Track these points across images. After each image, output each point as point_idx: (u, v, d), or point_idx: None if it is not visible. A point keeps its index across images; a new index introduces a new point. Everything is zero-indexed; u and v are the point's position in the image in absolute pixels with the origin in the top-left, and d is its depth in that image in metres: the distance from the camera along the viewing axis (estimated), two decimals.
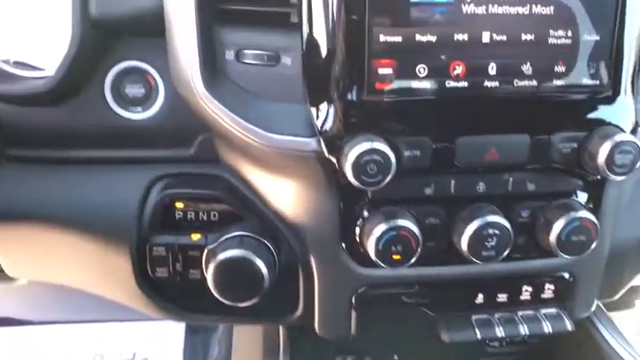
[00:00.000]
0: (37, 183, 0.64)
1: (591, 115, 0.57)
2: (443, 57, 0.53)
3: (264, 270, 0.58)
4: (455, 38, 0.53)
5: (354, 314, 0.63)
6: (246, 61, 0.56)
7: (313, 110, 0.55)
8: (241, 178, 0.64)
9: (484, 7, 0.52)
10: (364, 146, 0.51)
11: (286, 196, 0.61)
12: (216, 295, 0.59)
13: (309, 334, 0.68)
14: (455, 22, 0.52)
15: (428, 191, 0.57)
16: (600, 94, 0.56)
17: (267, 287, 0.59)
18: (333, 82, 0.53)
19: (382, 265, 0.56)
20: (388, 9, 0.51)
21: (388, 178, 0.52)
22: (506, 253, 0.58)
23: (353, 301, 0.62)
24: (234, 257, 0.58)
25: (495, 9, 0.53)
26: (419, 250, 0.56)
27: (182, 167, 0.65)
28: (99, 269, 0.65)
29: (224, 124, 0.56)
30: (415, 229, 0.55)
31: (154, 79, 0.63)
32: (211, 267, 0.58)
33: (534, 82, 0.55)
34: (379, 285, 0.62)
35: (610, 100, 0.57)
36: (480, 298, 0.64)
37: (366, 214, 0.58)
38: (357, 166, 0.51)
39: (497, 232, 0.57)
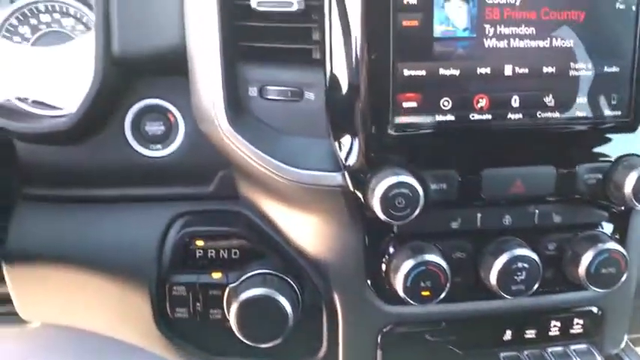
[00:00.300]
0: (53, 222, 0.63)
1: (615, 146, 0.57)
2: (466, 90, 0.53)
3: (288, 308, 0.57)
4: (478, 72, 0.53)
5: (379, 353, 0.61)
6: (270, 97, 0.56)
7: (337, 145, 0.54)
8: (261, 214, 0.63)
9: (506, 41, 0.53)
10: (392, 179, 0.50)
11: (309, 232, 0.60)
12: (238, 335, 0.57)
13: None
14: (477, 56, 0.53)
15: (454, 225, 0.57)
16: (623, 124, 0.56)
17: (290, 326, 0.57)
18: (358, 116, 0.53)
19: (411, 302, 0.54)
20: (412, 44, 0.52)
21: (417, 212, 0.51)
22: (535, 286, 0.57)
23: (379, 340, 0.60)
24: (258, 296, 0.57)
25: (517, 43, 0.53)
26: (448, 285, 0.55)
27: (202, 204, 0.64)
28: (116, 310, 0.63)
29: (248, 160, 0.55)
30: (443, 263, 0.54)
31: (174, 116, 0.63)
32: (234, 306, 0.57)
33: (557, 114, 0.55)
34: (405, 323, 0.60)
35: (632, 129, 0.57)
36: (508, 335, 0.63)
37: (392, 249, 0.57)
38: (386, 199, 0.50)
39: (526, 265, 0.56)
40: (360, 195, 0.53)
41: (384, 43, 0.51)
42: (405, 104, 0.53)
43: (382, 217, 0.51)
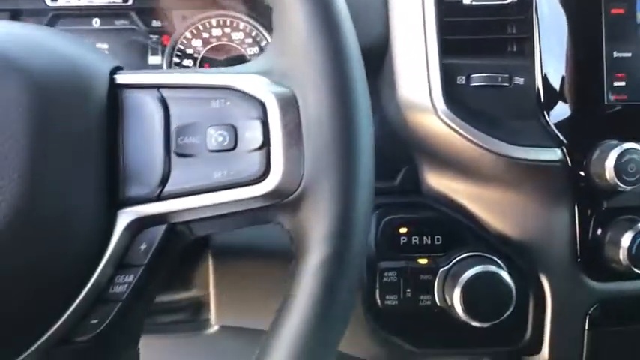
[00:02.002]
0: None
1: None
2: None
3: (511, 283, 0.57)
4: None
5: (587, 334, 0.61)
6: (478, 83, 0.60)
7: (552, 124, 0.58)
8: (451, 204, 0.65)
9: None
10: (623, 146, 0.54)
11: (511, 215, 0.62)
12: (463, 316, 0.57)
13: None
14: None
15: None
16: None
17: (514, 302, 0.57)
18: (574, 96, 0.58)
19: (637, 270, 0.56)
20: (619, 30, 0.58)
21: None
22: None
23: (586, 320, 0.61)
24: (481, 273, 0.57)
25: None
26: None
27: (389, 198, 0.66)
28: None
29: (465, 142, 0.58)
30: None
31: None
32: (457, 287, 0.57)
33: None
34: (613, 300, 0.61)
35: None
36: None
37: (603, 224, 0.59)
38: (619, 166, 0.54)
39: None
40: (577, 170, 0.57)
41: (596, 29, 0.57)
42: (616, 83, 0.58)
43: (616, 183, 0.54)
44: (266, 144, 0.34)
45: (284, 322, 0.33)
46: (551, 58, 0.59)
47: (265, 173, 0.34)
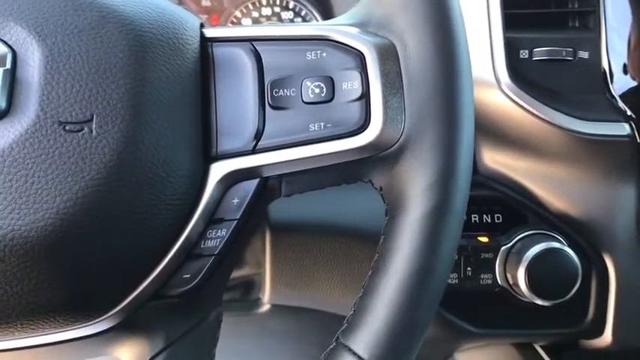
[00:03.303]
0: None
1: None
2: None
3: (576, 260, 0.56)
4: None
5: None
6: (541, 57, 0.59)
7: (619, 98, 0.57)
8: (512, 183, 0.63)
9: None
10: None
11: (576, 192, 0.60)
12: (527, 294, 0.56)
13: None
14: None
15: None
16: None
17: (579, 280, 0.56)
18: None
19: None
20: None
21: None
22: None
23: None
24: (547, 250, 0.56)
25: None
26: None
27: None
28: None
29: (531, 117, 0.57)
30: None
31: None
32: (522, 265, 0.56)
33: None
34: None
35: None
36: None
37: None
38: None
39: None
40: None
41: None
42: None
43: None
44: (365, 94, 0.33)
45: (386, 277, 0.32)
46: (617, 32, 0.57)
47: (365, 124, 0.33)
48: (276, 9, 0.75)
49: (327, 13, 0.72)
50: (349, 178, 0.36)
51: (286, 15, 0.75)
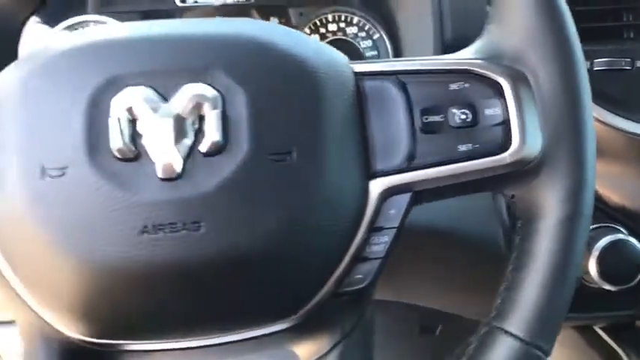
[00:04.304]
0: None
1: None
2: None
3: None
4: None
5: None
6: (601, 68, 0.65)
7: None
8: None
9: None
10: None
11: (633, 188, 0.67)
12: (598, 281, 0.62)
13: None
14: None
15: None
16: None
17: None
18: None
19: None
20: None
21: None
22: None
23: None
24: (616, 240, 0.63)
25: None
26: None
27: None
28: (464, 283, 0.68)
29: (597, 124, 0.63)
30: None
31: None
32: (592, 255, 0.62)
33: None
34: None
35: None
36: None
37: None
38: None
39: None
40: None
41: None
42: None
43: None
44: (506, 119, 0.39)
45: (534, 270, 0.38)
46: None
47: (507, 144, 0.39)
48: (342, 24, 0.80)
49: (390, 28, 0.78)
50: (485, 189, 0.42)
51: (351, 30, 0.80)
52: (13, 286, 0.36)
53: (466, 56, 0.42)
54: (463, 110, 0.39)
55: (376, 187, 0.39)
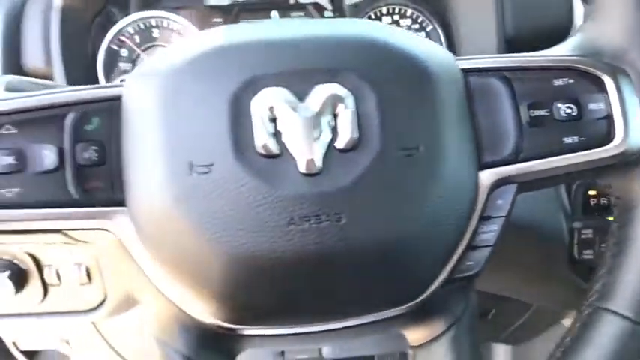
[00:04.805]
0: None
1: None
2: None
3: None
4: None
5: None
6: None
7: None
8: None
9: None
10: None
11: None
12: None
13: None
14: None
15: None
16: None
17: None
18: None
19: None
20: None
21: None
22: None
23: None
24: None
25: None
26: None
27: None
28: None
29: None
30: None
31: None
32: None
33: None
34: None
35: None
36: None
37: None
38: None
39: None
40: None
41: None
42: None
43: None
44: (609, 113, 0.41)
45: (627, 262, 0.41)
46: None
47: (610, 137, 0.41)
48: (396, 17, 0.81)
49: (443, 19, 0.79)
50: (584, 178, 0.44)
51: (404, 22, 0.82)
52: (154, 282, 0.38)
53: (565, 53, 0.44)
54: (568, 105, 0.42)
55: (486, 178, 0.41)
